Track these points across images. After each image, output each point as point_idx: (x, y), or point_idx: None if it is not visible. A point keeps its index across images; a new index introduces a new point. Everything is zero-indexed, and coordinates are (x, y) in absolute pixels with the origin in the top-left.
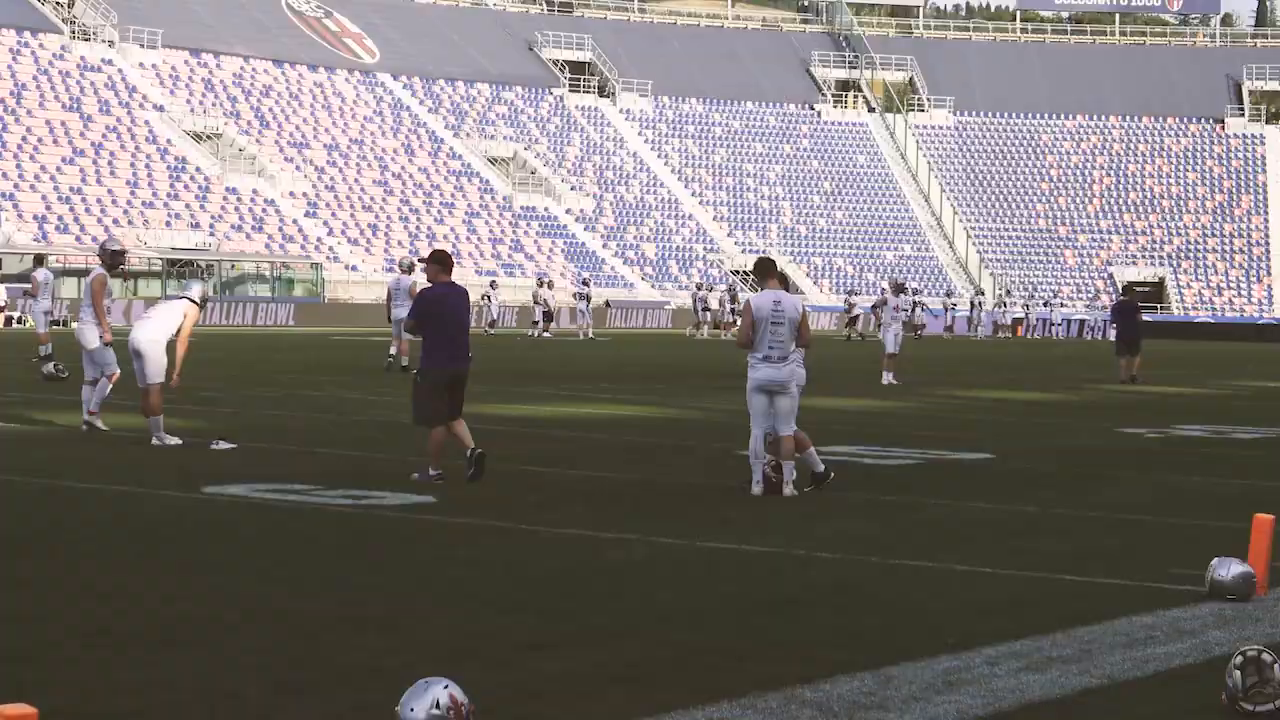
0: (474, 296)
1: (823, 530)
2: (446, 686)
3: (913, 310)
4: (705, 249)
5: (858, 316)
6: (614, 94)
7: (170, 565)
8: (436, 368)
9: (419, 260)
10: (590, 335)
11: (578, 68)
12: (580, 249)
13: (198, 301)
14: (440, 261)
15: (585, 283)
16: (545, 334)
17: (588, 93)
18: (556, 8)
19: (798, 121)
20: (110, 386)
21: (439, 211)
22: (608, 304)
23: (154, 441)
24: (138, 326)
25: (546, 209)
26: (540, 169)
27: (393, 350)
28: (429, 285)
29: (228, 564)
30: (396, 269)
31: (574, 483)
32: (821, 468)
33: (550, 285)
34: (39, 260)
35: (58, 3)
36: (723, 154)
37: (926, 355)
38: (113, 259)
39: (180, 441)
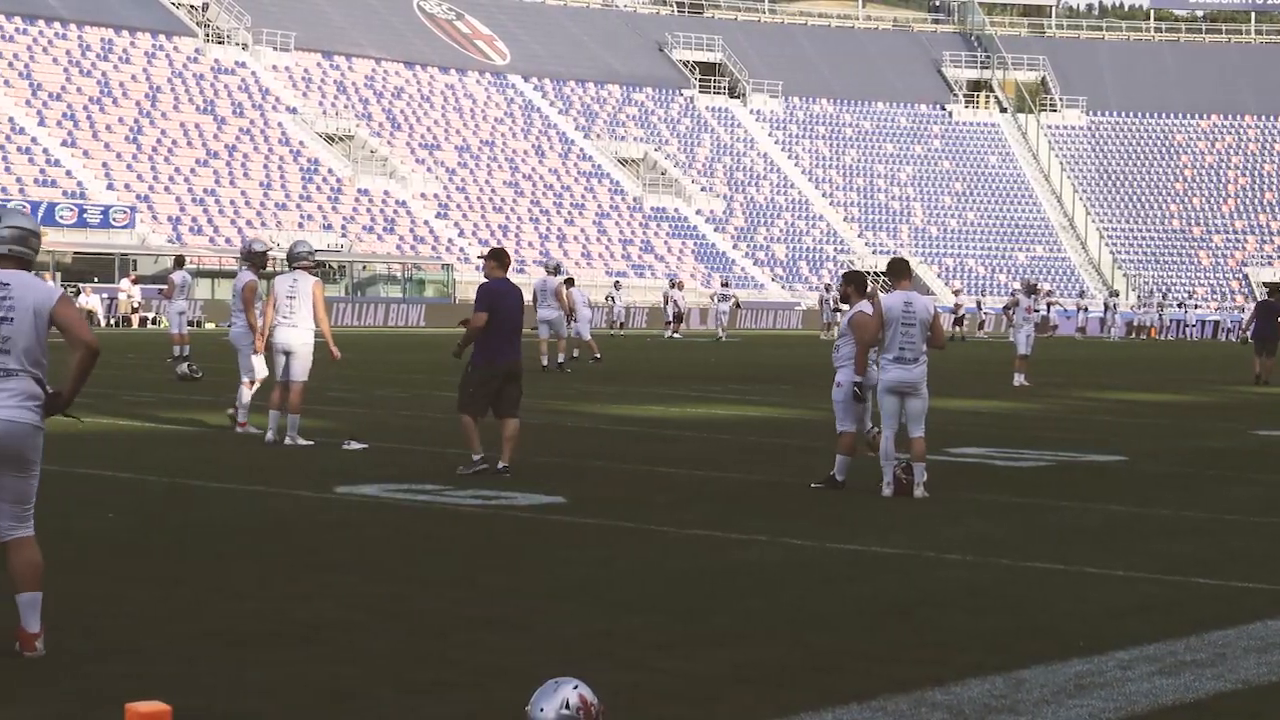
0: (598, 297)
1: (952, 532)
2: (576, 687)
3: (1048, 309)
4: (836, 250)
5: (964, 316)
6: (744, 95)
7: (301, 565)
8: (487, 362)
9: (554, 267)
10: (724, 337)
11: (708, 68)
12: (710, 250)
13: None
14: (498, 258)
15: (725, 284)
16: (675, 334)
17: (718, 93)
18: (687, 9)
19: (929, 122)
20: (250, 394)
21: (569, 213)
22: (738, 305)
23: (287, 441)
24: (285, 330)
25: (676, 210)
26: (670, 170)
27: (545, 352)
28: (487, 280)
29: (358, 564)
30: (542, 270)
31: (702, 483)
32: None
33: (680, 286)
34: (179, 262)
35: (192, 6)
36: (853, 155)
37: (1059, 357)
38: (259, 260)
39: (312, 443)
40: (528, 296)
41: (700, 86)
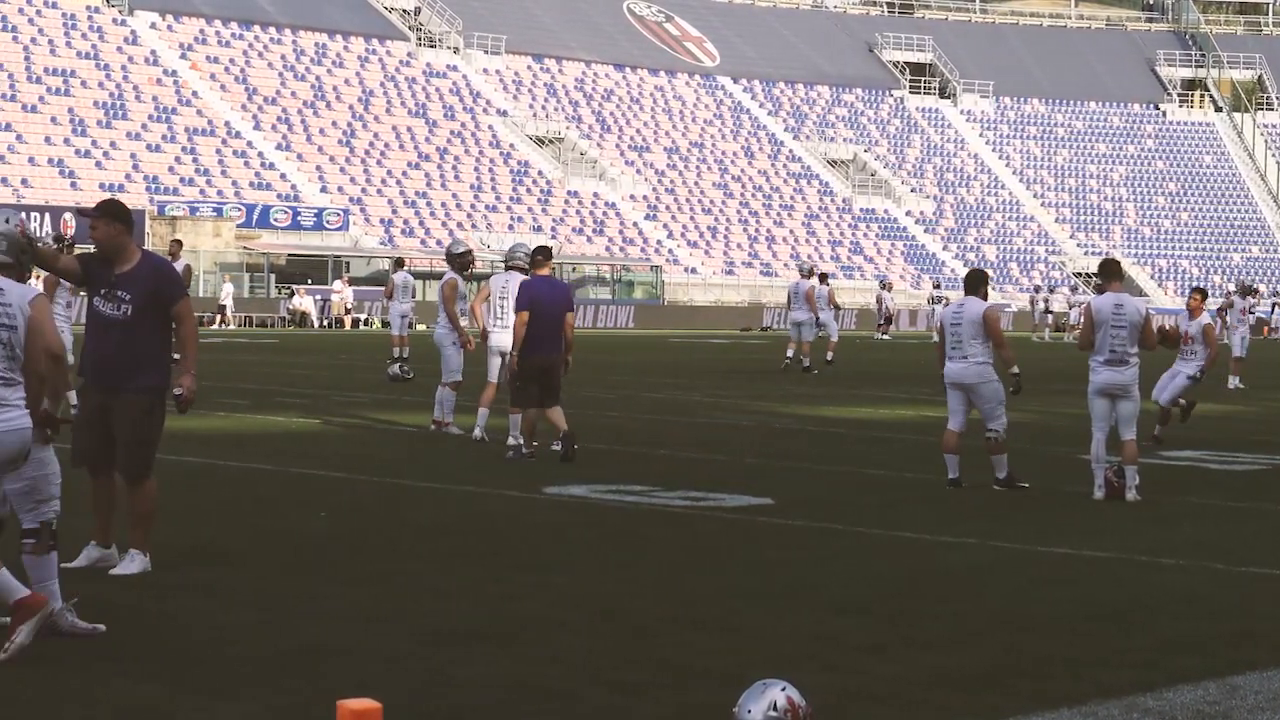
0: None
1: (1165, 536)
2: (784, 688)
3: (1273, 310)
4: (1047, 251)
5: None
6: (955, 95)
7: (510, 564)
8: (527, 357)
9: (807, 270)
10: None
11: (918, 69)
12: (920, 251)
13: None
14: (543, 255)
15: (936, 285)
16: (884, 336)
17: (928, 94)
18: (897, 9)
19: (1142, 121)
20: (454, 396)
21: (778, 214)
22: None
23: (510, 441)
24: (500, 332)
25: (886, 211)
26: (880, 171)
27: (790, 352)
28: (529, 279)
29: (567, 564)
30: (797, 273)
31: (910, 485)
32: (1002, 473)
33: (890, 287)
34: (399, 263)
35: (404, 11)
36: (1065, 155)
37: (1275, 359)
38: (460, 261)
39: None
40: (778, 299)
41: (910, 87)
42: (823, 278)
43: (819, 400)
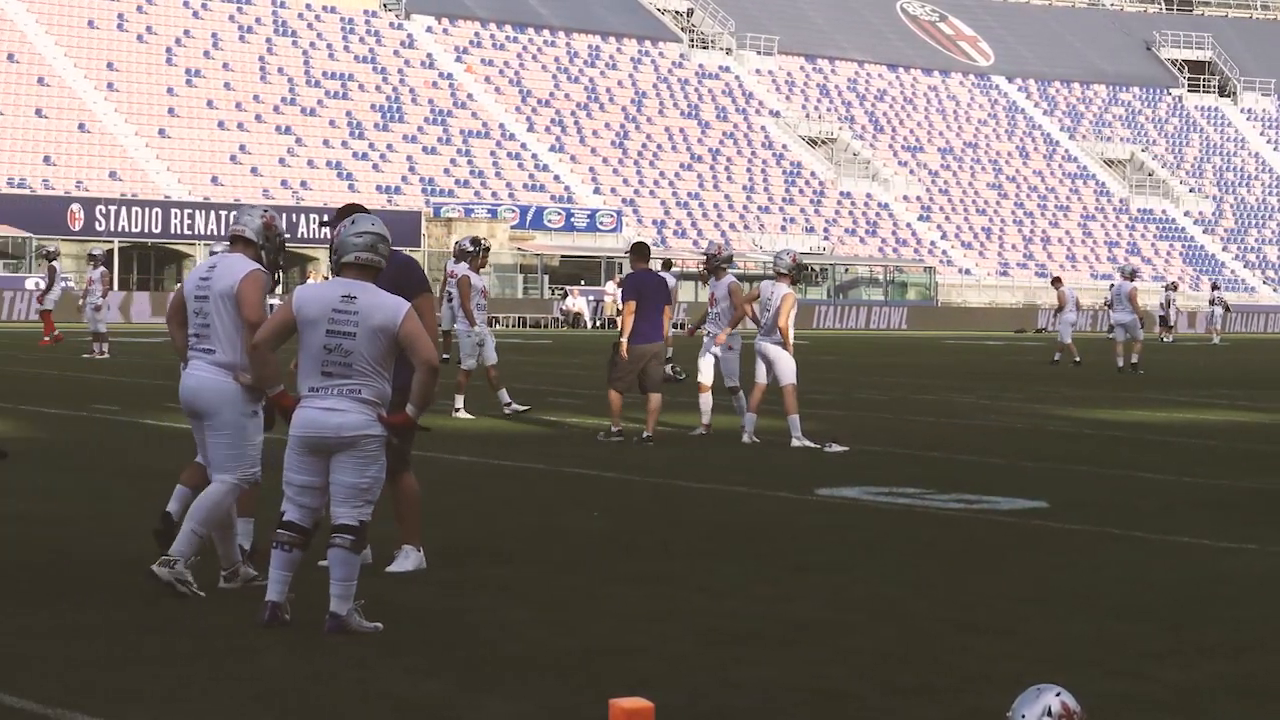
0: (1091, 300)
1: None
2: (1059, 694)
3: None
4: None
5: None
6: (1235, 93)
7: (783, 565)
8: (632, 343)
9: (1129, 272)
10: (1218, 340)
11: (1197, 67)
12: (1199, 252)
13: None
14: (639, 251)
15: (1215, 287)
16: (1167, 338)
17: (1207, 92)
18: (1175, 6)
19: None
20: (708, 399)
21: (1053, 214)
22: (1227, 308)
23: (794, 443)
24: (764, 338)
25: (1164, 211)
26: (1158, 171)
27: (1119, 358)
28: (635, 271)
29: (839, 565)
30: (1116, 275)
31: (1189, 490)
32: None
33: (1175, 288)
34: (665, 265)
35: (677, 12)
36: None
37: None
38: (715, 263)
39: (812, 444)
40: (1053, 300)
41: (1189, 85)
42: (1055, 281)
43: (1095, 403)
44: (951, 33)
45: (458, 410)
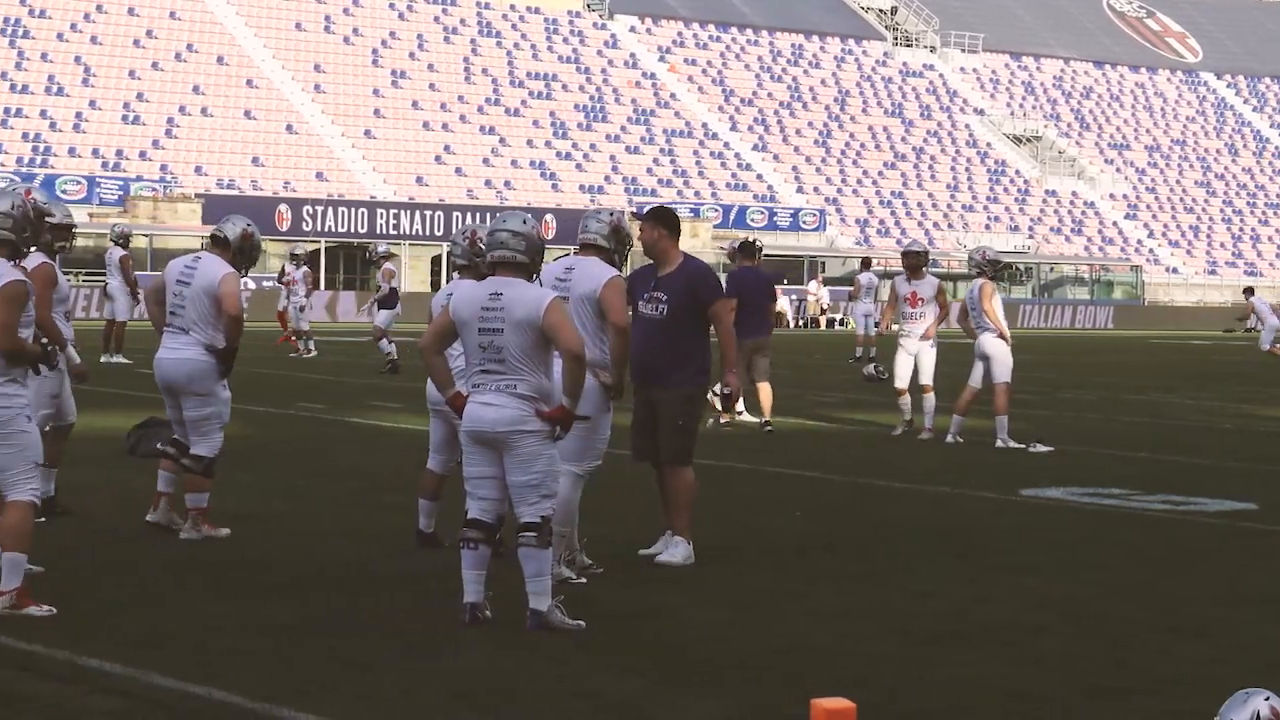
0: None
1: None
2: (1268, 698)
3: None
4: None
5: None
6: None
7: (984, 566)
8: (740, 340)
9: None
10: None
11: None
12: None
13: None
14: (745, 250)
15: None
16: None
17: None
18: None
19: None
20: (905, 400)
21: (1263, 213)
22: None
23: (999, 443)
24: (984, 336)
25: None
26: None
27: None
28: (737, 269)
29: (1040, 566)
30: None
31: None
32: None
33: None
34: (865, 263)
35: (881, 10)
36: None
37: None
38: (915, 260)
39: (1017, 445)
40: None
41: None
42: (1247, 291)
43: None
44: (1159, 29)
45: (740, 413)
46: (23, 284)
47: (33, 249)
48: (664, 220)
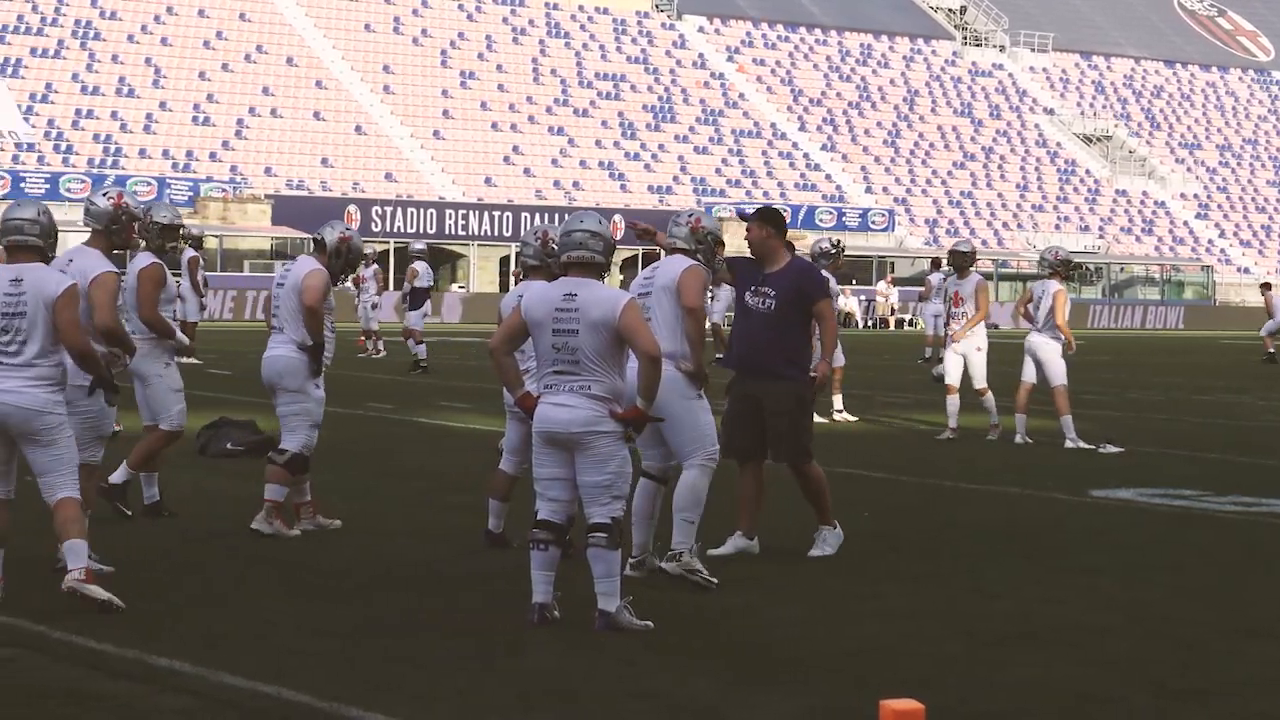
0: None
1: None
2: None
3: None
4: None
5: None
6: None
7: (1053, 567)
8: None
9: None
10: None
11: None
12: None
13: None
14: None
15: None
16: None
17: None
18: None
19: None
20: (954, 402)
21: None
22: None
23: (1068, 444)
24: (1033, 335)
25: None
26: None
27: None
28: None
29: (1110, 567)
30: None
31: None
32: None
33: None
34: (935, 264)
35: (950, 10)
36: None
37: None
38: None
39: (1086, 445)
40: None
41: None
42: (1264, 287)
43: None
44: (1230, 27)
45: (839, 411)
46: (114, 274)
47: (141, 248)
48: (771, 220)
